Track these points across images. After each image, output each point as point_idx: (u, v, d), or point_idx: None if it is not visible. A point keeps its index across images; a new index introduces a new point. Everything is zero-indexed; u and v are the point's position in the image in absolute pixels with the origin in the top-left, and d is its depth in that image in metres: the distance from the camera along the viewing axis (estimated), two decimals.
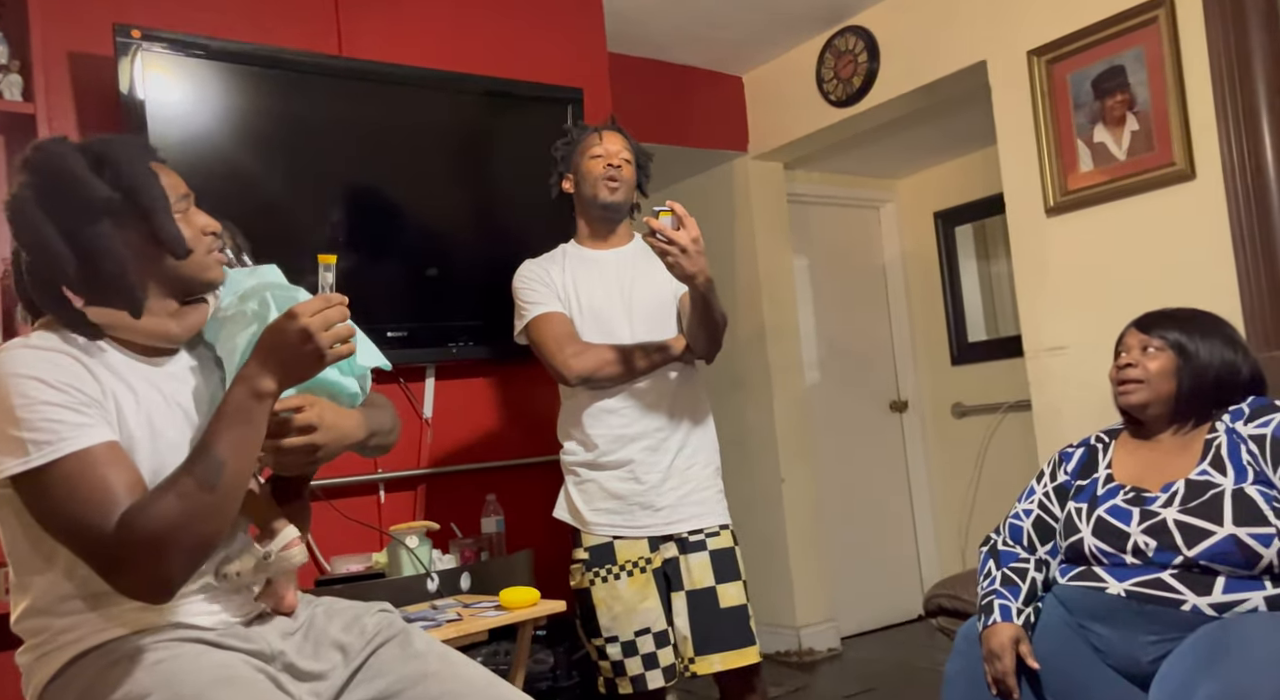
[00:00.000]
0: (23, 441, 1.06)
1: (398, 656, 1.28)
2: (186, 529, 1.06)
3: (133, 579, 1.06)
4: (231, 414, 1.11)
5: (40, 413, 1.07)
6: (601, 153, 2.10)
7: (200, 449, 1.10)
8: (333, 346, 1.14)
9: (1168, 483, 1.65)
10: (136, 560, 1.05)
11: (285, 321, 1.13)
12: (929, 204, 4.47)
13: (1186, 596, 1.54)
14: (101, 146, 1.18)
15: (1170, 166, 2.52)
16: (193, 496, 1.06)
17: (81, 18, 2.19)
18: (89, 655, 1.13)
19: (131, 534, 1.04)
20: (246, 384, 1.12)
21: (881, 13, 3.31)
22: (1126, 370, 1.75)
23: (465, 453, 2.66)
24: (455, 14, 2.76)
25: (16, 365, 1.10)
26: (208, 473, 1.07)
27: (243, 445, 1.11)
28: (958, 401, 4.35)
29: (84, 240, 1.13)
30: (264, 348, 1.14)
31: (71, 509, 1.06)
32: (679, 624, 2.03)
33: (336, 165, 2.43)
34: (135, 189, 1.16)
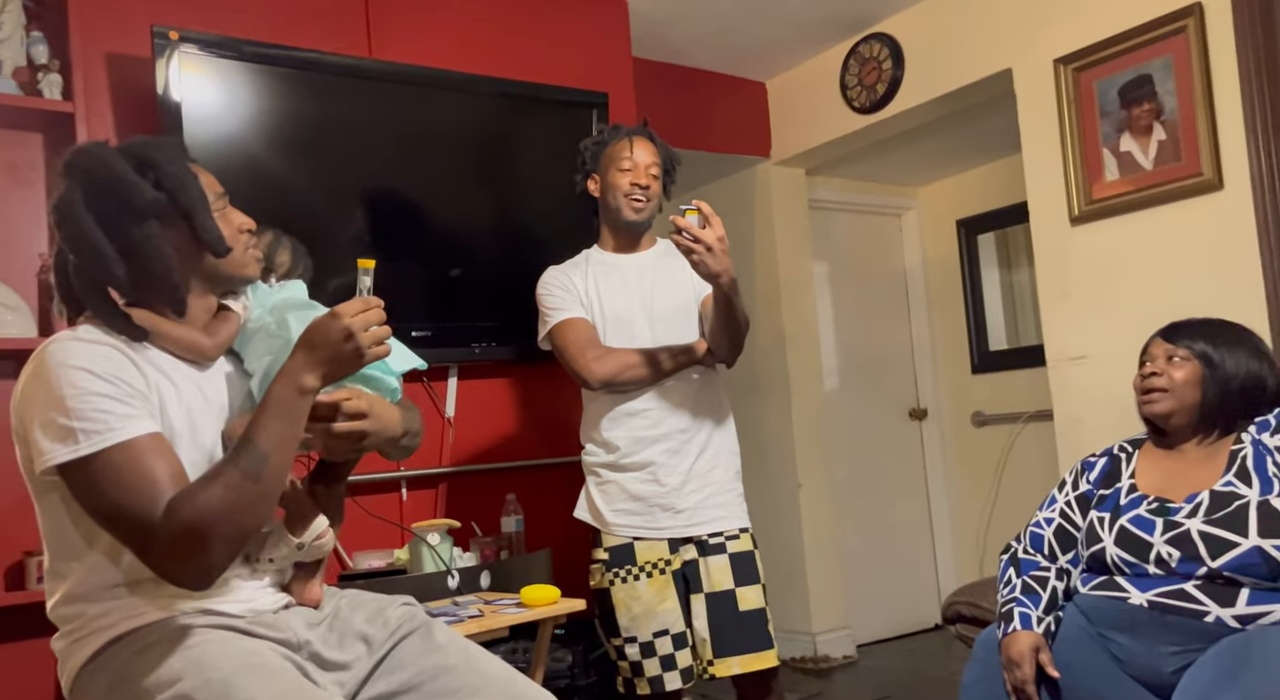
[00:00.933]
0: (73, 430, 1.09)
1: (420, 649, 1.30)
2: (230, 518, 1.09)
3: (177, 565, 1.10)
4: (274, 408, 1.15)
5: (90, 403, 1.10)
6: (630, 166, 2.10)
7: (244, 441, 1.13)
8: (371, 346, 1.18)
9: (1192, 493, 1.65)
10: (181, 546, 1.08)
11: (328, 320, 1.17)
12: (951, 211, 4.45)
13: (1210, 608, 1.53)
14: (142, 149, 1.21)
15: (1198, 177, 2.51)
16: (237, 486, 1.09)
17: (120, 19, 2.23)
18: (122, 640, 1.16)
19: (177, 521, 1.07)
20: (289, 379, 1.16)
21: (906, 20, 3.31)
22: (1151, 379, 1.74)
23: (486, 452, 2.68)
24: (483, 18, 2.79)
25: (67, 356, 1.13)
26: (252, 464, 1.11)
27: (284, 439, 1.14)
28: (978, 410, 4.33)
29: (131, 241, 1.17)
30: (306, 345, 1.17)
31: (118, 496, 1.09)
32: (698, 626, 2.04)
33: (364, 166, 2.46)
34: (177, 190, 1.20)
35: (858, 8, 3.27)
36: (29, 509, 2.06)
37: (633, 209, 2.10)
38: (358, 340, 1.17)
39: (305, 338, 1.18)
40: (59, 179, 1.19)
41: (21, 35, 2.11)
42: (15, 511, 2.05)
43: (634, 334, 2.09)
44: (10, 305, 2.03)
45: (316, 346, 1.17)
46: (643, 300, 2.12)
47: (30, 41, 2.12)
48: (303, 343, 1.18)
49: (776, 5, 3.18)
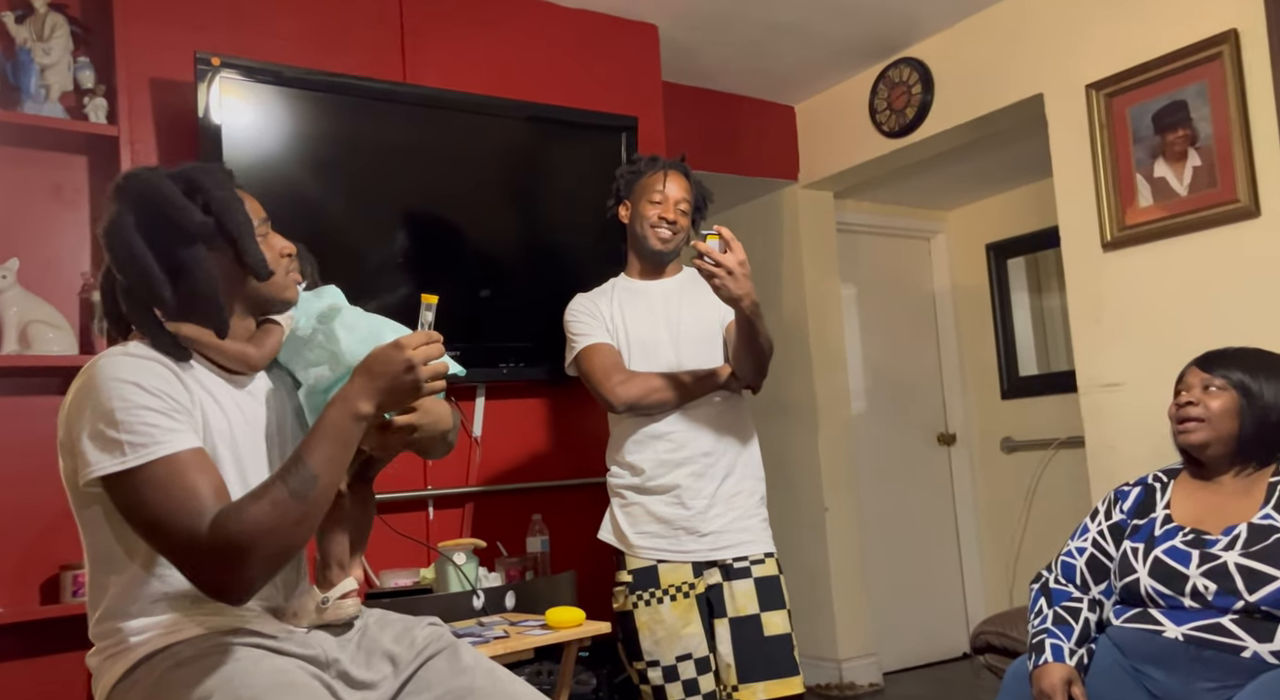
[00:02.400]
0: (120, 442, 1.11)
1: (446, 670, 1.30)
2: (274, 535, 1.10)
3: (217, 578, 1.11)
4: (328, 431, 1.16)
5: (137, 416, 1.12)
6: (661, 199, 2.12)
7: (295, 461, 1.14)
8: (430, 380, 1.20)
9: (1229, 526, 1.62)
10: (224, 560, 1.09)
11: (392, 351, 1.19)
12: (981, 235, 4.43)
13: (1247, 643, 1.50)
14: (191, 174, 1.24)
15: (1234, 203, 2.48)
16: (284, 505, 1.10)
17: (163, 45, 2.29)
18: (155, 657, 1.17)
19: (222, 534, 1.08)
20: (346, 405, 1.17)
21: (936, 45, 3.32)
22: (1187, 408, 1.72)
23: (513, 472, 2.69)
24: (516, 43, 2.83)
25: (116, 370, 1.16)
26: (301, 484, 1.12)
27: (334, 462, 1.15)
28: (1007, 436, 4.28)
29: (179, 263, 1.20)
30: (366, 373, 1.19)
31: (162, 509, 1.10)
32: (722, 651, 2.03)
33: (397, 188, 2.50)
34: (224, 214, 1.23)
35: (887, 32, 3.28)
36: (65, 524, 2.11)
37: (659, 239, 2.13)
38: (418, 373, 1.18)
39: (366, 365, 1.20)
40: (109, 202, 1.22)
41: (69, 61, 2.18)
42: (52, 526, 2.09)
43: (659, 359, 2.09)
44: (53, 323, 2.08)
45: (377, 375, 1.18)
46: (668, 325, 2.13)
47: (77, 67, 2.19)
48: (363, 369, 1.20)
49: (806, 30, 3.20)
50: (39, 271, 2.14)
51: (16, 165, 2.16)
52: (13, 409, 2.11)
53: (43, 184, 2.19)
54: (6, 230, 2.13)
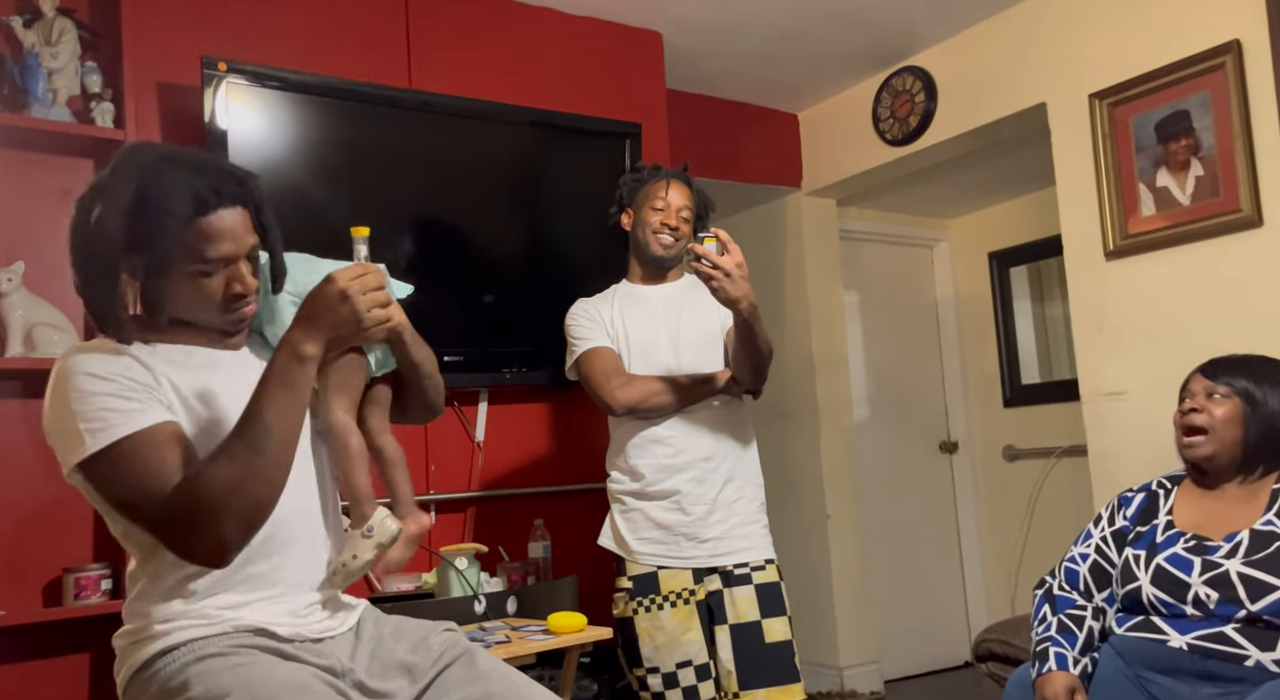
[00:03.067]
0: (79, 433, 1.13)
1: (463, 677, 1.30)
2: (239, 492, 1.10)
3: (191, 542, 1.12)
4: (275, 378, 1.15)
5: (91, 403, 1.14)
6: (663, 206, 2.14)
7: (247, 414, 1.14)
8: (371, 310, 1.17)
9: (1231, 533, 1.62)
10: (193, 523, 1.10)
11: (324, 286, 1.17)
12: (983, 244, 4.43)
13: (1250, 652, 1.50)
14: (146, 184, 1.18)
15: (1237, 213, 2.49)
16: (243, 460, 1.10)
17: (170, 50, 2.30)
18: (175, 651, 1.18)
19: (187, 497, 1.10)
20: (288, 348, 1.16)
21: (940, 54, 3.33)
22: (1191, 417, 1.72)
23: (515, 477, 2.69)
24: (521, 49, 2.85)
25: (73, 365, 1.17)
26: (255, 437, 1.11)
27: (287, 409, 1.14)
28: (1009, 444, 4.28)
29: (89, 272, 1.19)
30: (304, 313, 1.18)
31: (131, 485, 1.12)
32: (723, 658, 2.02)
33: (402, 193, 2.51)
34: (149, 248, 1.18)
35: (891, 41, 3.29)
36: (67, 526, 2.12)
37: (661, 245, 2.14)
38: (354, 303, 1.15)
39: (303, 305, 1.18)
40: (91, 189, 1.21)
41: (76, 65, 2.19)
42: (54, 530, 2.09)
43: (660, 362, 2.10)
44: (58, 326, 2.09)
45: (314, 313, 1.16)
46: (669, 330, 2.13)
47: (84, 71, 2.20)
48: (300, 310, 1.18)
49: (810, 39, 3.22)
50: (45, 274, 2.14)
51: (23, 168, 2.17)
52: (17, 411, 2.11)
53: (49, 187, 2.19)
54: (13, 233, 2.14)
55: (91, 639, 2.11)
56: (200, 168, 1.22)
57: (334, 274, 1.17)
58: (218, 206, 1.20)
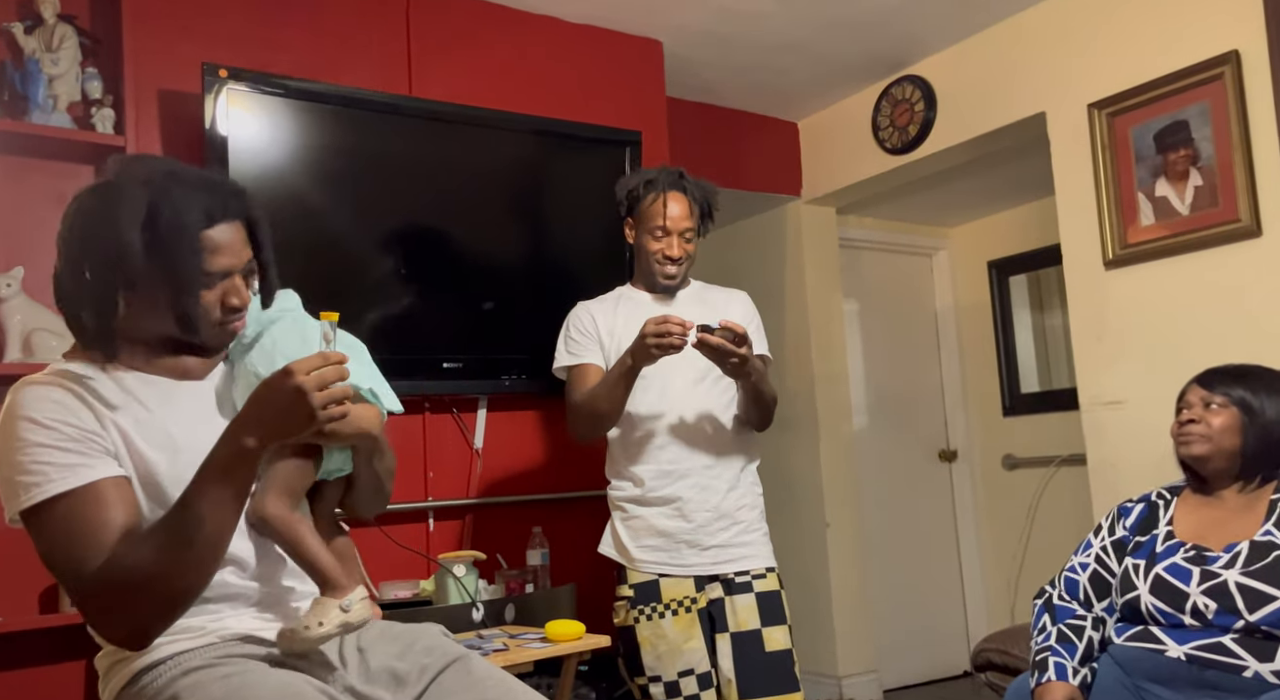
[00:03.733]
0: (15, 484, 1.09)
1: (457, 685, 1.27)
2: (160, 582, 1.05)
3: (103, 621, 1.08)
4: (214, 469, 1.09)
5: (30, 455, 1.09)
6: (662, 234, 2.10)
7: (181, 504, 1.08)
8: (326, 407, 1.09)
9: (1231, 543, 1.61)
10: (111, 608, 1.07)
11: (280, 378, 1.09)
12: (983, 253, 4.44)
13: (1249, 662, 1.49)
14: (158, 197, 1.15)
15: (1235, 223, 2.49)
16: (169, 549, 1.06)
17: (171, 57, 2.31)
18: (163, 664, 1.17)
19: (107, 582, 1.05)
20: (231, 438, 1.09)
21: (940, 63, 3.34)
22: (1189, 427, 1.72)
23: (513, 484, 2.69)
24: (521, 57, 2.85)
25: (19, 406, 1.13)
26: (185, 528, 1.06)
27: (222, 502, 1.08)
28: (1009, 453, 4.27)
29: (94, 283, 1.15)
30: (255, 402, 1.11)
31: (61, 550, 1.08)
32: (723, 666, 2.02)
33: (402, 200, 2.51)
34: (169, 260, 1.15)
35: (891, 50, 3.30)
36: None
37: (664, 276, 2.13)
38: (310, 400, 1.07)
39: (255, 393, 1.11)
40: (85, 191, 1.19)
41: (77, 71, 2.19)
42: None
43: (657, 373, 2.07)
44: (57, 331, 2.08)
45: (264, 404, 1.09)
46: None
47: (85, 77, 2.20)
48: (252, 398, 1.11)
49: (809, 48, 3.22)
50: (44, 280, 2.13)
51: (23, 174, 2.17)
52: None
53: (49, 193, 2.19)
54: (12, 239, 2.14)
55: (87, 646, 2.08)
56: (203, 182, 1.20)
57: (292, 367, 1.08)
58: (220, 220, 1.18)
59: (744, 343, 1.88)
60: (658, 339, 1.84)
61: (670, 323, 1.84)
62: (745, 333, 1.88)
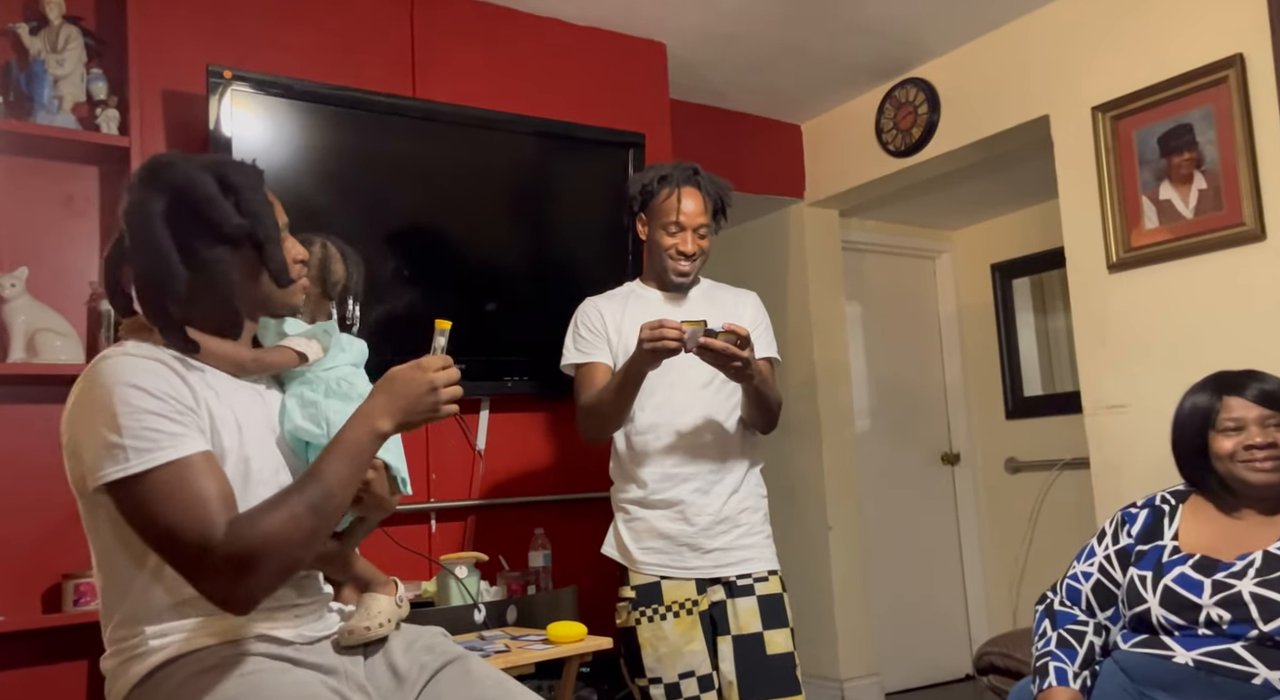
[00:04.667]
0: (124, 448, 1.09)
1: (455, 683, 1.29)
2: (286, 549, 1.10)
3: (225, 587, 1.09)
4: (347, 448, 1.16)
5: (141, 421, 1.10)
6: (676, 230, 2.09)
7: (312, 475, 1.14)
8: (447, 403, 1.22)
9: (1244, 553, 1.60)
10: (235, 571, 1.07)
11: (415, 373, 1.21)
12: (986, 256, 4.44)
13: (1258, 670, 1.48)
14: (226, 171, 1.21)
15: (1240, 226, 2.49)
16: (300, 519, 1.10)
17: (176, 58, 2.31)
18: (176, 662, 1.16)
19: (238, 544, 1.07)
20: (367, 422, 1.18)
21: (943, 65, 3.34)
22: (1261, 451, 1.63)
23: (515, 486, 2.69)
24: (524, 59, 2.85)
25: (119, 373, 1.13)
26: (316, 498, 1.12)
27: (350, 480, 1.16)
28: (1011, 456, 4.27)
29: (201, 261, 1.18)
30: (387, 391, 1.20)
31: (168, 516, 1.08)
32: (724, 669, 2.01)
33: (405, 201, 2.51)
34: (256, 218, 1.21)
35: (895, 53, 3.30)
36: (67, 533, 2.11)
37: (677, 273, 2.12)
38: (439, 395, 1.21)
39: (387, 384, 1.21)
40: (138, 185, 1.19)
41: (82, 72, 2.20)
42: (54, 535, 2.09)
43: (662, 374, 2.08)
44: (61, 332, 2.09)
45: (399, 395, 1.20)
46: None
47: (90, 78, 2.21)
48: (385, 389, 1.21)
49: (813, 50, 3.23)
50: (48, 280, 2.15)
51: (28, 175, 2.17)
52: (19, 417, 2.11)
53: (54, 194, 2.20)
54: (16, 239, 2.15)
55: (90, 646, 2.10)
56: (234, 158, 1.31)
57: (424, 363, 1.23)
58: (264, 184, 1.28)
59: (746, 345, 1.87)
60: (652, 343, 1.84)
61: (664, 327, 1.83)
62: (748, 335, 1.87)
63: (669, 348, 1.83)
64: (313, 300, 1.56)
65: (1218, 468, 1.69)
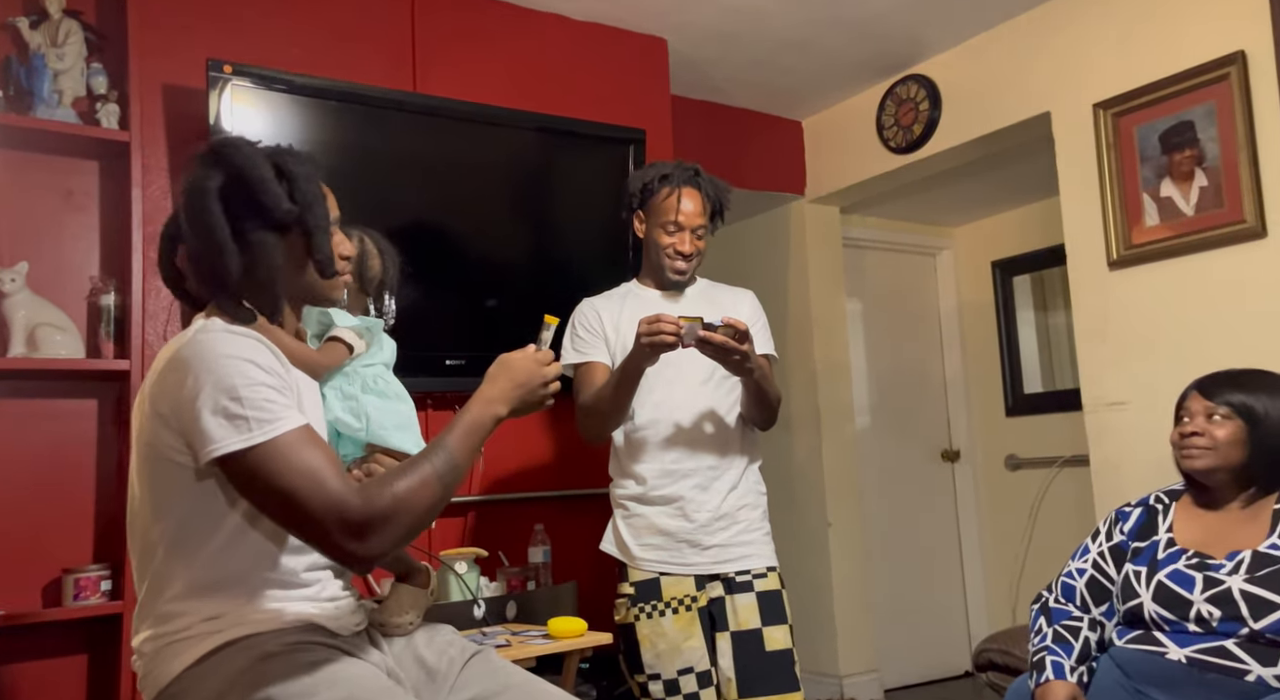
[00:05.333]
0: (246, 418, 1.10)
1: (483, 670, 1.34)
2: (413, 512, 1.13)
3: (353, 546, 1.10)
4: (471, 426, 1.23)
5: (259, 393, 1.12)
6: (674, 229, 2.09)
7: (440, 446, 1.19)
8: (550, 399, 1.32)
9: (1234, 551, 1.60)
10: (367, 529, 1.10)
11: (532, 364, 1.30)
12: (986, 253, 4.43)
13: (1251, 666, 1.49)
14: (285, 160, 1.25)
15: (1240, 224, 2.48)
16: (430, 485, 1.15)
17: (177, 52, 2.31)
18: (233, 646, 1.15)
19: (374, 505, 1.10)
20: (490, 406, 1.26)
21: (945, 62, 3.33)
22: (1191, 439, 1.68)
23: (515, 481, 2.69)
24: (525, 55, 2.85)
25: (228, 347, 1.14)
26: (443, 468, 1.17)
27: (469, 455, 1.22)
28: (1011, 453, 4.27)
29: (248, 242, 1.21)
30: (508, 379, 1.28)
31: (293, 480, 1.10)
32: (723, 665, 2.02)
33: (406, 197, 2.51)
34: (308, 207, 1.25)
35: (896, 49, 3.29)
36: (68, 526, 2.11)
37: (675, 271, 2.12)
38: (548, 389, 1.31)
39: (509, 373, 1.28)
40: (200, 163, 1.22)
41: (82, 67, 2.20)
42: (54, 530, 2.09)
43: (660, 373, 2.07)
44: (61, 326, 2.09)
45: (518, 384, 1.28)
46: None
47: (90, 72, 2.20)
48: (505, 376, 1.28)
49: (814, 46, 3.22)
50: (48, 275, 2.15)
51: (28, 169, 2.17)
52: (20, 411, 2.11)
53: (54, 188, 2.20)
54: (17, 233, 2.15)
55: (90, 640, 2.11)
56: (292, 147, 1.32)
57: (537, 356, 1.32)
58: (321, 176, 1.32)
59: (745, 339, 1.87)
60: (650, 338, 1.84)
61: (662, 321, 1.83)
62: (746, 329, 1.87)
63: (666, 342, 1.83)
64: (350, 294, 1.59)
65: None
